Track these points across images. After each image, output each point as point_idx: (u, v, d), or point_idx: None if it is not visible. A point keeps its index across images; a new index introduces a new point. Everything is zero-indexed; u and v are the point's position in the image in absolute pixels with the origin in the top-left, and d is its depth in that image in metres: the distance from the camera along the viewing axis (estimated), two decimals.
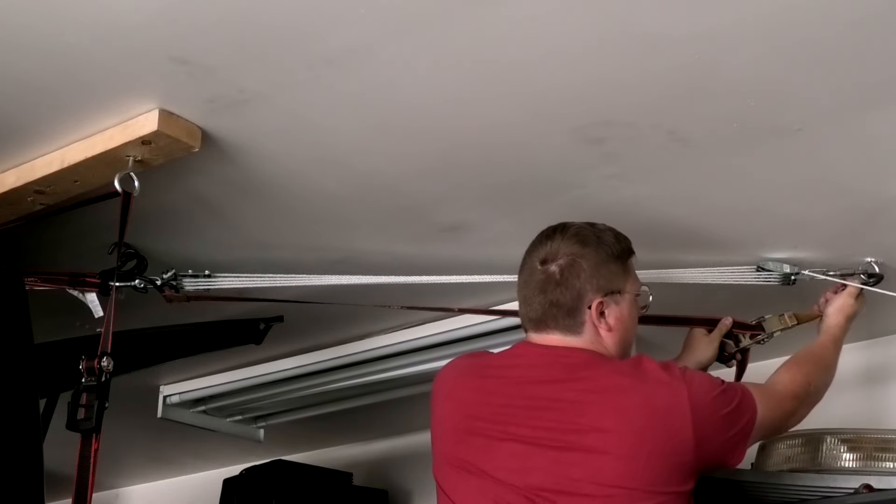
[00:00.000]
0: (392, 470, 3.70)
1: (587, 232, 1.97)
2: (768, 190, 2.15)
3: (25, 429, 1.99)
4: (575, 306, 1.93)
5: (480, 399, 1.96)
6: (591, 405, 1.85)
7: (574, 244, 1.95)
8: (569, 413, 1.85)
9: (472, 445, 1.92)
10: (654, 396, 1.84)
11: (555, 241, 1.96)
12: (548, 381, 1.91)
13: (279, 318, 2.73)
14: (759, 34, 1.67)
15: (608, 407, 1.84)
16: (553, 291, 1.94)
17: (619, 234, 2.01)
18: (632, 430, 1.81)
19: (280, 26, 1.68)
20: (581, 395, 1.87)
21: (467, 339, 2.75)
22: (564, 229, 1.97)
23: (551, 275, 1.94)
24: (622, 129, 1.94)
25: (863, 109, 1.86)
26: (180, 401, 3.30)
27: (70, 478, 1.90)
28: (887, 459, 2.25)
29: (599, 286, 1.94)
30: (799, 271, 2.37)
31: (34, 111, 1.94)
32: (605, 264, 1.95)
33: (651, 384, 1.86)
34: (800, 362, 2.18)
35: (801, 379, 2.12)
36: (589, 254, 1.94)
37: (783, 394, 2.07)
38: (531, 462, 1.85)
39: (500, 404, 1.93)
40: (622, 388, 1.86)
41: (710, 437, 1.85)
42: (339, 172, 2.13)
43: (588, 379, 1.88)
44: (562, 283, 1.93)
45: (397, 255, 2.43)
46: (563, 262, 1.94)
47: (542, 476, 1.83)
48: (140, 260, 2.30)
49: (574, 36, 1.69)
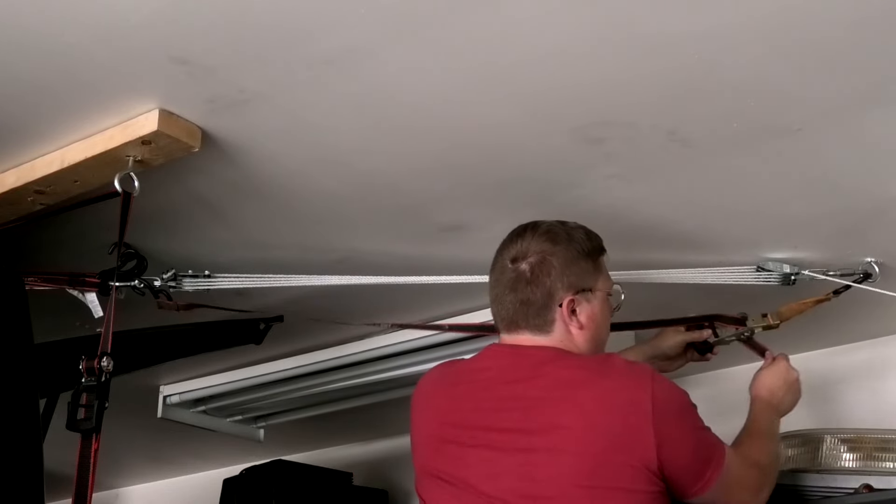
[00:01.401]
0: (392, 470, 3.70)
1: (558, 230, 1.97)
2: (768, 190, 2.15)
3: (25, 429, 1.99)
4: (545, 304, 1.92)
5: (452, 406, 1.96)
6: (551, 401, 1.83)
7: (544, 242, 1.95)
8: (532, 412, 1.84)
9: (446, 454, 1.91)
10: (613, 390, 1.82)
11: (525, 240, 1.96)
12: (513, 381, 1.90)
13: (279, 318, 2.74)
14: (759, 34, 1.67)
15: (566, 401, 1.82)
16: (524, 290, 1.93)
17: (590, 231, 2.00)
18: (589, 425, 1.78)
19: (280, 26, 1.68)
20: (542, 391, 1.85)
21: (467, 339, 2.75)
22: (535, 227, 1.98)
23: (522, 273, 1.94)
24: (622, 129, 1.94)
25: (863, 109, 1.86)
26: (180, 401, 3.30)
27: (70, 478, 1.90)
28: (887, 459, 2.25)
29: (570, 284, 1.93)
30: (799, 271, 2.37)
31: (34, 111, 1.94)
32: (576, 262, 1.95)
33: (613, 378, 1.83)
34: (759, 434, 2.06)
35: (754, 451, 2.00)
36: (559, 251, 1.94)
37: (752, 461, 1.96)
38: (499, 467, 1.83)
39: (469, 409, 1.92)
40: (580, 381, 1.84)
41: (675, 440, 1.79)
42: (339, 172, 2.13)
43: (549, 374, 1.87)
44: (532, 280, 1.93)
45: (397, 254, 2.43)
46: (534, 260, 1.94)
47: (509, 481, 1.81)
48: (140, 260, 2.30)
49: (574, 36, 1.69)
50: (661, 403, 1.79)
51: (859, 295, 2.41)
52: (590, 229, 2.01)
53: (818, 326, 2.79)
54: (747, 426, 2.08)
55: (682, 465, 1.81)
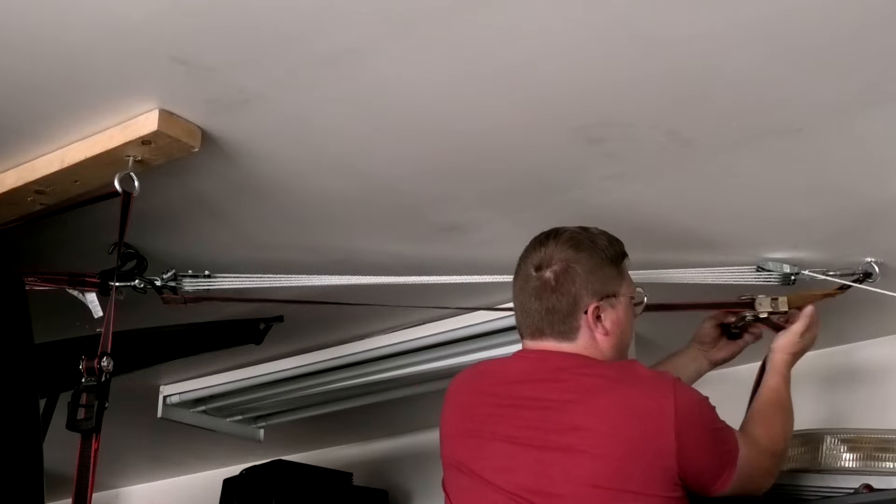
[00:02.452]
0: (392, 470, 3.70)
1: (581, 237, 1.98)
2: (768, 190, 2.15)
3: (25, 429, 1.99)
4: (571, 311, 1.94)
5: (475, 400, 1.99)
6: (573, 404, 1.86)
7: (568, 249, 1.96)
8: (551, 412, 1.86)
9: (466, 446, 1.95)
10: (636, 397, 1.84)
11: (548, 247, 1.97)
12: (533, 381, 1.92)
13: (279, 318, 2.73)
14: (759, 34, 1.67)
15: (588, 405, 1.84)
16: (549, 298, 1.94)
17: (612, 237, 2.01)
18: (609, 430, 1.81)
19: (280, 26, 1.68)
20: (563, 394, 1.88)
21: (467, 339, 2.75)
22: (558, 235, 1.98)
23: (546, 281, 1.95)
24: (622, 130, 1.94)
25: (863, 109, 1.86)
26: (180, 401, 3.30)
27: (70, 478, 1.90)
28: (887, 459, 2.25)
29: (595, 290, 1.94)
30: (799, 271, 2.37)
31: (34, 111, 1.94)
32: (600, 268, 1.96)
33: (636, 386, 1.86)
34: (768, 414, 2.10)
35: (777, 434, 2.05)
36: (583, 258, 1.95)
37: (763, 448, 2.00)
38: (515, 461, 1.86)
39: (490, 404, 1.95)
40: (603, 387, 1.86)
41: (695, 447, 1.83)
42: (339, 173, 2.13)
43: (571, 379, 1.89)
44: (557, 289, 1.94)
45: (397, 255, 2.43)
46: (558, 268, 1.95)
47: (524, 476, 1.84)
48: (140, 260, 2.30)
49: (574, 37, 1.69)
50: (684, 410, 1.82)
51: (859, 295, 2.42)
52: (612, 235, 2.02)
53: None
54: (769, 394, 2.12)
55: (701, 468, 1.85)
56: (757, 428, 2.04)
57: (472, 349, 2.74)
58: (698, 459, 1.84)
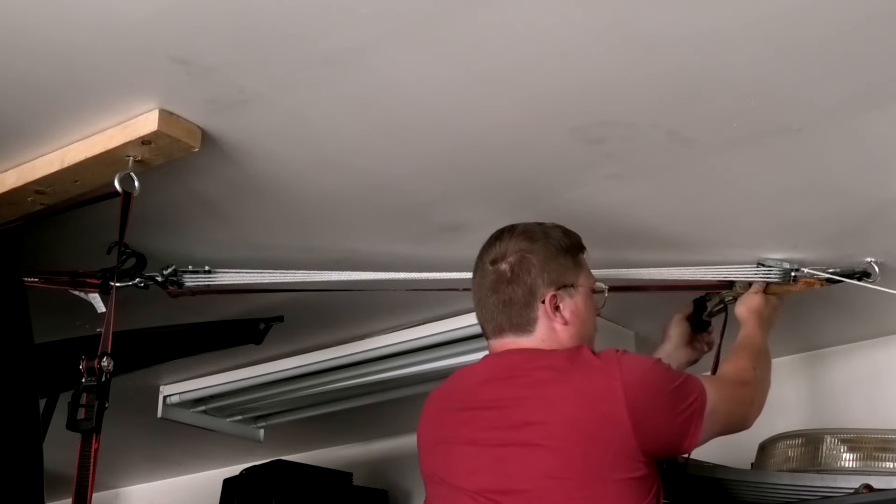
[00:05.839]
0: (392, 470, 3.70)
1: (535, 229, 2.01)
2: (768, 190, 2.15)
3: (25, 429, 1.99)
4: (527, 302, 1.95)
5: (443, 407, 2.01)
6: (527, 400, 1.87)
7: (522, 241, 1.98)
8: (508, 410, 1.87)
9: (438, 454, 1.97)
10: (583, 383, 1.84)
11: (503, 241, 2.00)
12: (492, 381, 1.94)
13: (279, 318, 2.73)
14: (760, 34, 1.67)
15: (541, 400, 1.85)
16: (506, 289, 1.96)
17: (567, 230, 2.03)
18: (562, 420, 1.81)
19: (280, 26, 1.68)
20: (518, 390, 1.89)
21: (467, 339, 2.75)
22: (512, 229, 2.01)
23: (502, 273, 1.97)
24: (622, 130, 1.94)
25: (863, 109, 1.86)
26: (180, 401, 3.30)
27: (70, 478, 1.90)
28: (887, 459, 2.25)
29: (551, 280, 1.96)
30: (800, 268, 2.37)
31: (34, 111, 1.94)
32: (555, 258, 1.98)
33: (582, 371, 1.86)
34: (734, 352, 2.18)
35: (743, 364, 2.12)
36: (538, 249, 1.97)
37: (733, 381, 2.06)
38: (478, 463, 1.87)
39: (454, 409, 1.98)
40: (553, 379, 1.87)
41: (651, 417, 1.82)
42: (339, 172, 2.13)
43: (524, 375, 1.90)
44: (513, 279, 1.96)
45: (397, 254, 2.43)
46: (513, 260, 1.97)
47: (486, 476, 1.85)
48: (140, 259, 2.30)
49: (574, 36, 1.69)
50: (632, 384, 1.82)
51: (859, 295, 2.42)
52: (567, 228, 2.04)
53: (818, 326, 2.79)
54: (740, 341, 2.22)
55: (663, 434, 1.85)
56: (724, 366, 2.13)
57: (472, 349, 2.74)
58: (657, 427, 1.83)
